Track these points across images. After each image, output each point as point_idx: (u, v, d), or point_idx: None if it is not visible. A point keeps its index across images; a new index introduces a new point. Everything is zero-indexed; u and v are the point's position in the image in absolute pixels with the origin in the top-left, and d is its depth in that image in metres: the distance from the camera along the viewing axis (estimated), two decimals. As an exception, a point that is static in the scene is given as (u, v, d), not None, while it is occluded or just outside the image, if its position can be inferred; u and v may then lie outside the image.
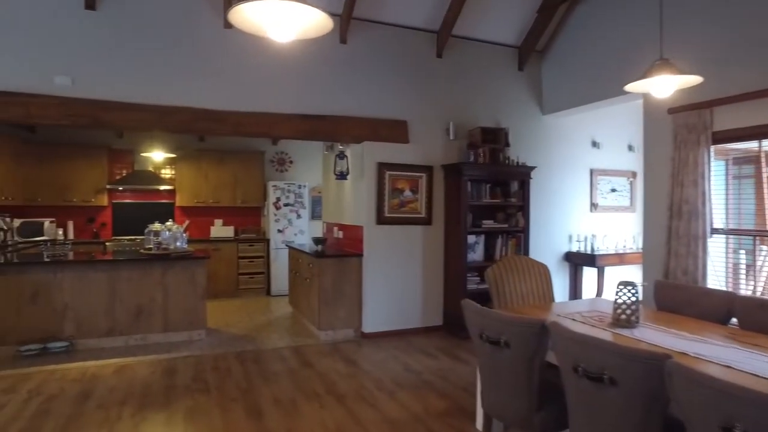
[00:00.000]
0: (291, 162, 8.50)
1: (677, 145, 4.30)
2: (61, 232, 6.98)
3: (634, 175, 6.88)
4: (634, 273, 6.76)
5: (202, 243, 7.33)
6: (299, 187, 7.90)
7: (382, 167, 5.31)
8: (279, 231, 7.75)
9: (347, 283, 5.29)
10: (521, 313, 3.02)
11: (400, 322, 5.47)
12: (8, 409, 3.44)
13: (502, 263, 3.57)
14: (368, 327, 5.34)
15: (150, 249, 5.09)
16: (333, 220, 6.47)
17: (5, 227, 6.08)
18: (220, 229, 7.77)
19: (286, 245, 6.85)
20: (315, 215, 8.46)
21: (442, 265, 5.68)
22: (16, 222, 6.49)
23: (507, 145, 5.72)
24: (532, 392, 2.27)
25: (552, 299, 3.68)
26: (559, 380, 2.15)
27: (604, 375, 1.77)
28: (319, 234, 7.25)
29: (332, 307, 5.23)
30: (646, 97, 4.66)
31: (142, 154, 7.30)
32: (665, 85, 2.85)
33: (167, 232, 5.14)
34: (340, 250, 5.70)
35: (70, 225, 7.11)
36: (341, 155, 5.55)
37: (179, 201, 7.56)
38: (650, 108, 4.67)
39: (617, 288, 2.64)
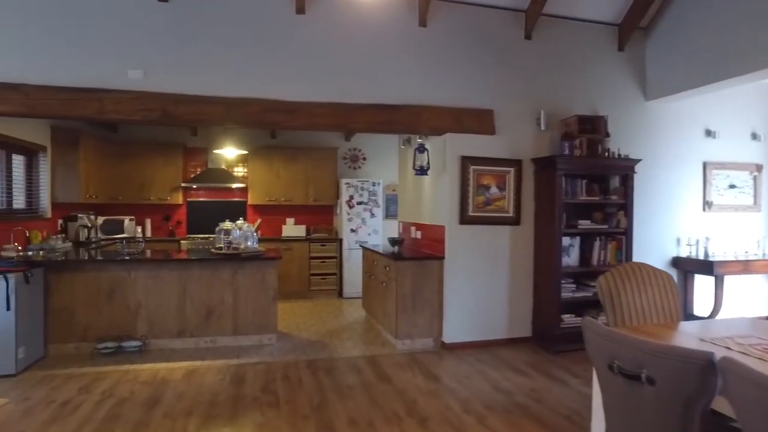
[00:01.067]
0: (364, 159, 8.19)
1: (839, 128, 3.47)
2: (139, 229, 7.09)
3: (758, 168, 5.91)
4: (761, 284, 5.81)
5: (274, 242, 7.19)
6: (373, 184, 7.57)
7: (466, 161, 4.82)
8: (352, 230, 7.46)
9: (427, 288, 4.85)
10: (645, 333, 2.44)
11: (484, 332, 4.95)
12: (82, 410, 3.34)
13: (617, 271, 2.98)
14: (449, 336, 4.87)
15: (220, 248, 4.92)
16: (410, 220, 6.05)
17: (89, 224, 6.21)
18: (291, 228, 7.61)
19: (360, 246, 6.53)
20: (389, 214, 8.11)
21: (532, 269, 5.09)
22: (100, 219, 6.65)
23: (607, 135, 5.04)
24: (688, 447, 1.71)
25: (679, 317, 3.03)
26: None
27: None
28: (394, 234, 6.87)
29: (410, 314, 4.81)
30: (791, 71, 3.85)
31: (215, 152, 7.26)
32: None
33: (238, 231, 4.95)
34: (418, 252, 5.28)
35: (148, 223, 7.22)
36: (421, 148, 5.12)
37: (251, 199, 7.47)
38: (798, 84, 3.85)
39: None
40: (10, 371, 3.96)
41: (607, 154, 5.01)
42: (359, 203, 7.50)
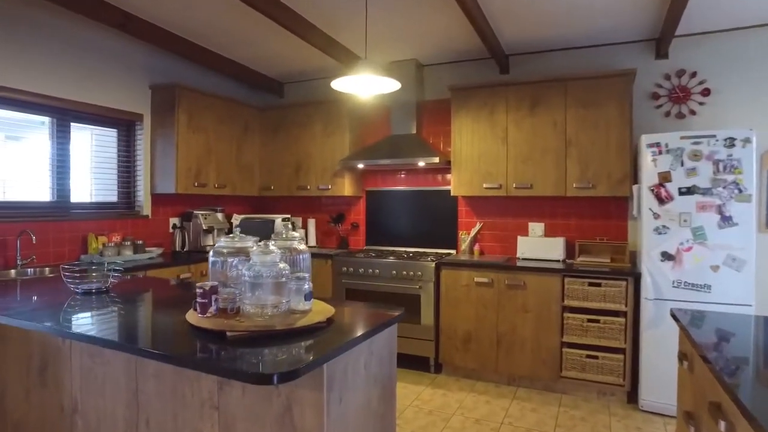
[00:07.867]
0: (707, 92, 3.67)
1: None
2: (301, 234, 4.71)
3: None
4: None
5: (492, 271, 3.64)
6: (728, 143, 3.09)
7: None
8: (665, 257, 3.20)
9: None
10: None
11: None
12: None
13: None
14: None
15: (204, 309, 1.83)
16: None
17: (205, 227, 4.14)
18: (534, 244, 3.87)
19: (672, 313, 2.32)
20: (774, 219, 3.44)
21: None
22: (236, 219, 4.56)
23: None
24: None
25: None
26: None
27: None
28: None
29: None
30: None
31: (333, 84, 3.72)
32: None
33: (259, 263, 1.76)
34: None
35: (311, 225, 4.74)
36: None
37: (455, 187, 4.06)
38: None
39: None
40: None
41: None
42: (684, 192, 3.16)
